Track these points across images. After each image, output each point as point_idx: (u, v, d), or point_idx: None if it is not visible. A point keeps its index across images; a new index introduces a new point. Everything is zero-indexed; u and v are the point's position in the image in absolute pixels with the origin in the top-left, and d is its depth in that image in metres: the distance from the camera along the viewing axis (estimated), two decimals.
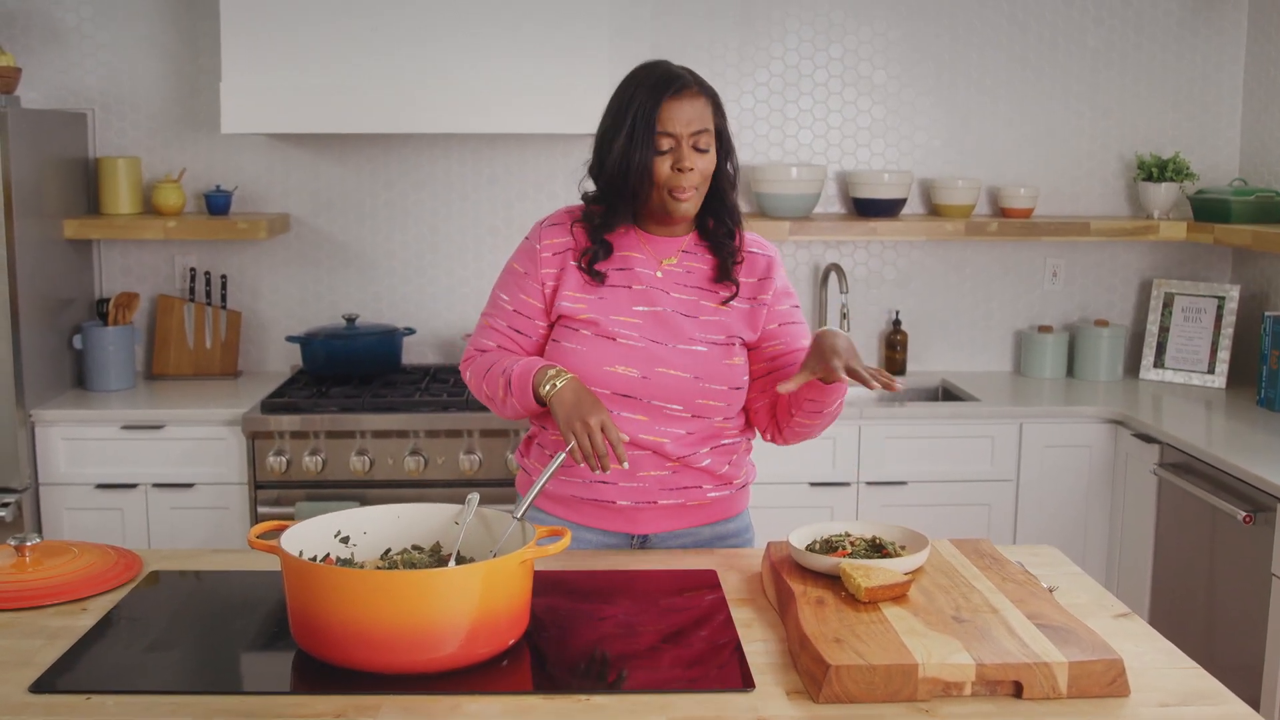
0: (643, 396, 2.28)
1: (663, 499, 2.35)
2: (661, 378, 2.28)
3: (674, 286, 2.33)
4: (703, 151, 2.25)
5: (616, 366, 2.28)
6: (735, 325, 2.34)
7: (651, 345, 2.29)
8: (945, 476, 3.91)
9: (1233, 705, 1.71)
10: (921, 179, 4.43)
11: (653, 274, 2.33)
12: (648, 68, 2.28)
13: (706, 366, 2.30)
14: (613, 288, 2.32)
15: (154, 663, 1.80)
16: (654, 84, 2.23)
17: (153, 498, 3.74)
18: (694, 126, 2.23)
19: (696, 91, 2.25)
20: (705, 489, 2.37)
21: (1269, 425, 3.70)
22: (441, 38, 3.81)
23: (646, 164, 2.22)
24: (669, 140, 2.22)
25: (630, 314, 2.31)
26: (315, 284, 4.37)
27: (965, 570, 2.08)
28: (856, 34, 4.36)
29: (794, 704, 1.68)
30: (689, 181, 2.24)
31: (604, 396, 2.28)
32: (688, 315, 2.32)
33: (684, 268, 2.35)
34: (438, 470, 3.72)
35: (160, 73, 4.24)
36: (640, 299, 2.32)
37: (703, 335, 2.31)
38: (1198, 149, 4.47)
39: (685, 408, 2.30)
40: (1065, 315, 4.55)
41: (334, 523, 1.97)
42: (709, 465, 2.35)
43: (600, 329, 2.29)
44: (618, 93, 2.29)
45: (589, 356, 2.28)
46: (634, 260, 2.34)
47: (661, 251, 2.35)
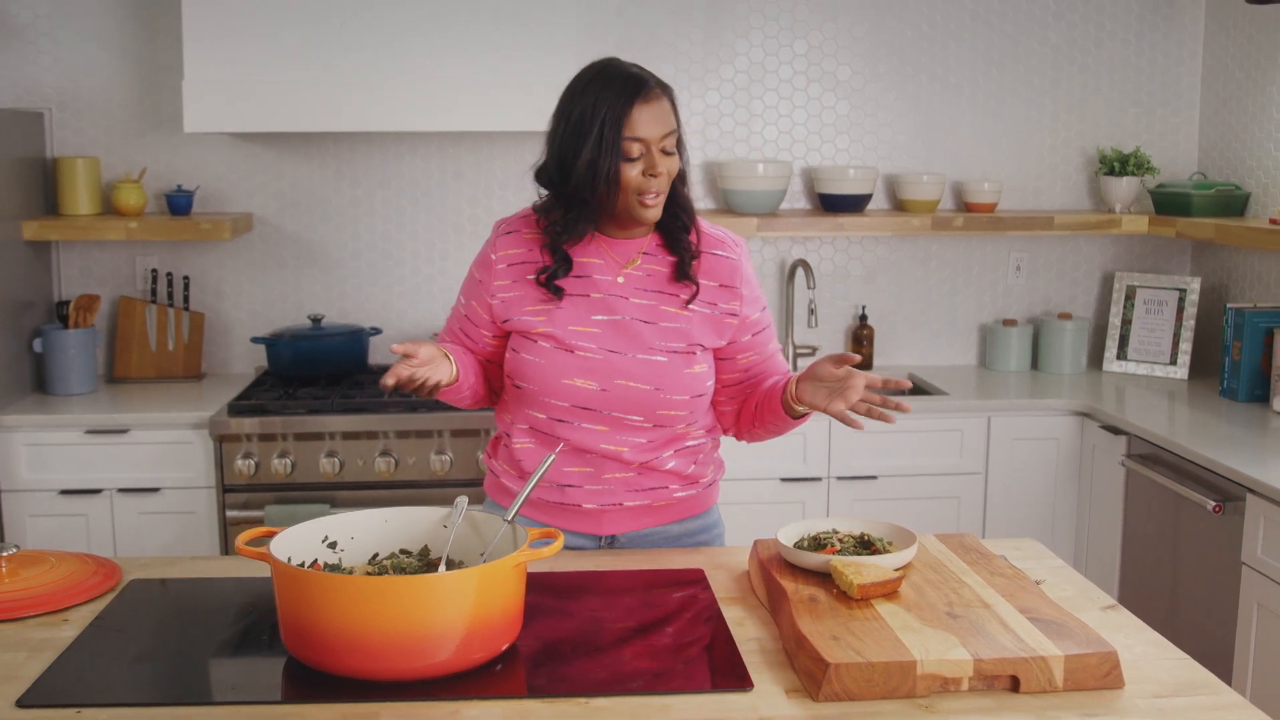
0: (603, 409, 2.26)
1: (628, 500, 2.34)
2: (621, 390, 2.26)
3: (634, 292, 2.29)
4: (670, 154, 2.22)
5: (575, 379, 2.25)
6: (696, 332, 2.31)
7: (610, 356, 2.26)
8: (915, 470, 3.93)
9: (1226, 695, 1.72)
10: (887, 174, 4.45)
11: (613, 280, 2.29)
12: (605, 70, 2.22)
13: (667, 377, 2.27)
14: (571, 297, 2.28)
15: (142, 674, 1.78)
16: (620, 88, 2.18)
17: (118, 503, 3.69)
18: (662, 130, 2.20)
19: (660, 93, 2.21)
20: (672, 489, 2.36)
21: (1232, 415, 3.75)
22: (407, 35, 3.78)
23: (616, 171, 2.18)
24: (639, 146, 2.18)
25: (589, 324, 2.27)
26: (280, 284, 4.33)
27: (953, 565, 2.09)
28: (821, 30, 4.37)
29: (793, 702, 1.68)
30: (659, 186, 2.21)
31: (564, 409, 2.26)
32: (648, 322, 2.28)
33: (644, 271, 2.31)
34: (409, 471, 3.69)
35: (119, 70, 4.18)
36: (599, 308, 2.28)
37: (663, 344, 2.28)
38: (1158, 144, 4.51)
39: (646, 418, 2.28)
40: (1029, 309, 4.58)
41: (321, 528, 1.95)
42: (674, 467, 2.34)
43: (559, 341, 2.26)
44: (577, 97, 2.21)
45: (548, 370, 2.26)
46: (593, 267, 2.29)
47: (622, 256, 2.31)
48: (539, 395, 2.27)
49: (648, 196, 2.20)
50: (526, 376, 2.27)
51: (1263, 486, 3.02)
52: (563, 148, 2.22)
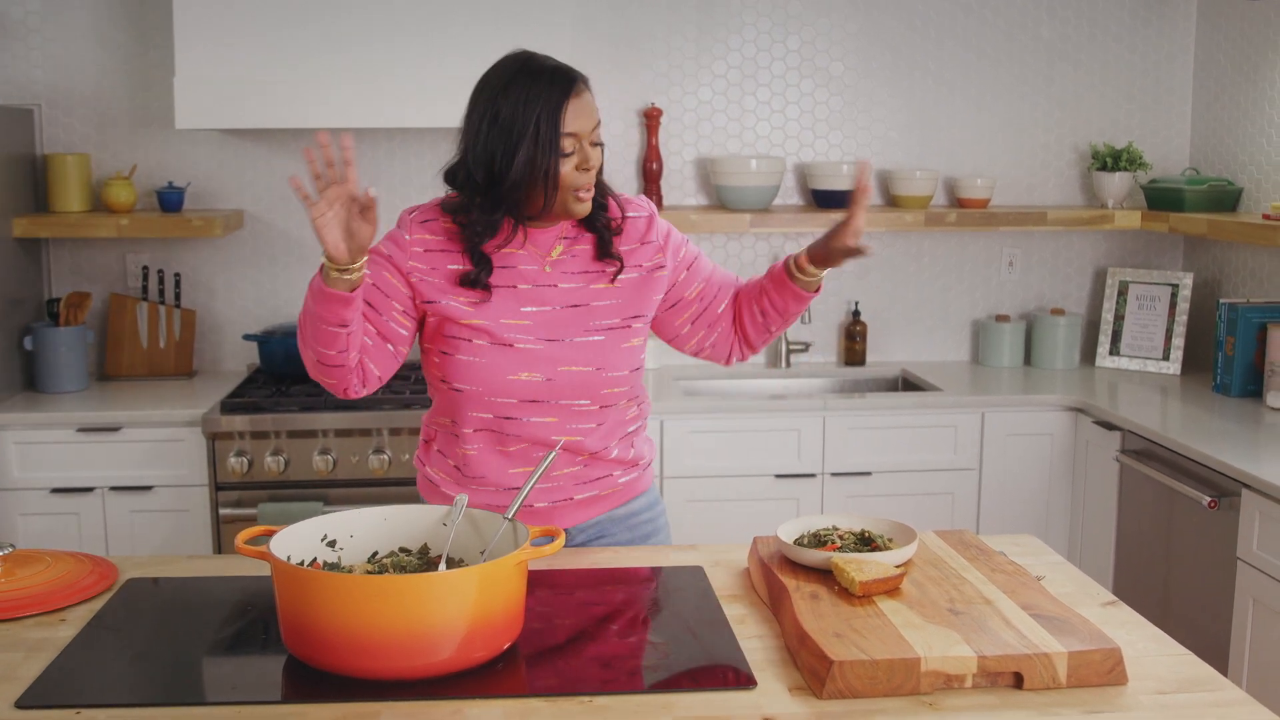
0: (549, 399, 2.25)
1: (578, 494, 2.33)
2: (565, 376, 2.24)
3: (562, 277, 2.27)
4: (597, 145, 2.21)
5: (520, 374, 2.23)
6: (630, 304, 2.30)
7: (549, 345, 2.24)
8: (909, 466, 3.93)
9: (1229, 690, 1.72)
10: (879, 170, 4.44)
11: (540, 270, 2.26)
12: (528, 65, 2.18)
13: (606, 355, 2.27)
14: (498, 288, 2.24)
15: (141, 674, 1.76)
16: (551, 83, 2.14)
17: (110, 501, 3.67)
18: (593, 122, 2.18)
19: (584, 85, 2.19)
20: (615, 475, 2.37)
21: (1225, 411, 3.75)
22: (399, 30, 3.77)
23: (556, 169, 2.14)
24: (572, 141, 2.15)
25: (520, 316, 2.24)
26: (271, 281, 4.31)
27: (953, 561, 2.09)
28: (814, 25, 4.37)
29: (797, 700, 1.67)
30: (592, 179, 2.20)
31: (510, 405, 2.24)
32: (578, 305, 2.26)
33: (569, 254, 2.29)
34: (403, 468, 3.68)
35: (109, 67, 4.16)
36: (528, 299, 2.24)
37: (597, 323, 2.27)
38: (1150, 139, 4.52)
39: (592, 400, 2.27)
40: (1022, 304, 4.59)
41: (320, 526, 1.93)
42: (618, 455, 2.35)
43: (495, 337, 2.22)
44: (502, 94, 2.15)
45: (489, 368, 2.23)
46: (516, 258, 2.25)
47: (544, 245, 2.27)
48: (483, 395, 2.24)
49: (581, 191, 2.19)
50: (466, 379, 2.24)
51: (1258, 482, 3.03)
52: (491, 148, 2.16)
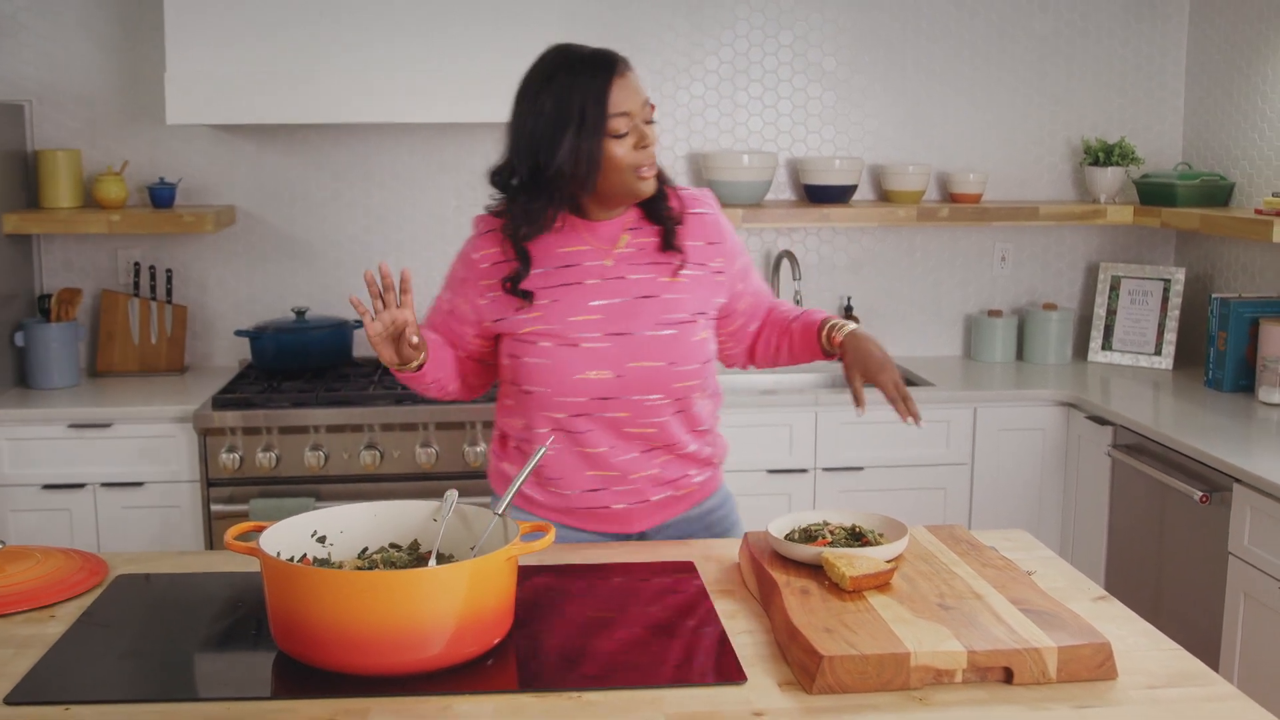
0: (621, 395, 2.25)
1: (654, 495, 2.34)
2: (635, 372, 2.24)
3: (629, 269, 2.28)
4: (651, 123, 2.21)
5: (587, 373, 2.24)
6: (694, 300, 2.30)
7: (618, 341, 2.24)
8: (901, 461, 3.93)
9: (1219, 685, 1.72)
10: (872, 165, 4.44)
11: (603, 264, 2.27)
12: (566, 55, 2.20)
13: (677, 349, 2.27)
14: (565, 286, 2.25)
15: (130, 670, 1.76)
16: (593, 69, 2.16)
17: (101, 497, 3.66)
18: (641, 99, 2.19)
19: (627, 65, 2.20)
20: (690, 475, 2.37)
21: (1218, 406, 3.75)
22: (390, 27, 3.76)
23: (601, 152, 2.15)
24: (626, 121, 2.16)
25: (588, 310, 2.24)
26: (263, 277, 4.30)
27: (944, 556, 2.09)
28: (806, 20, 4.36)
29: (787, 695, 1.67)
30: (652, 157, 2.20)
31: (581, 404, 2.25)
32: (649, 296, 2.27)
33: (634, 246, 2.29)
34: (394, 464, 3.68)
35: (100, 62, 4.14)
36: (596, 292, 2.25)
37: (667, 316, 2.27)
38: (1142, 134, 4.52)
39: (664, 394, 2.28)
40: (1014, 299, 4.59)
41: (310, 522, 1.93)
42: (694, 451, 2.35)
43: (560, 338, 2.23)
44: (545, 89, 2.17)
45: (555, 370, 2.23)
46: (580, 254, 2.27)
47: (608, 237, 2.29)
48: (552, 396, 2.25)
49: (644, 169, 2.19)
50: (534, 381, 2.25)
51: (1249, 476, 3.03)
52: (537, 141, 2.18)
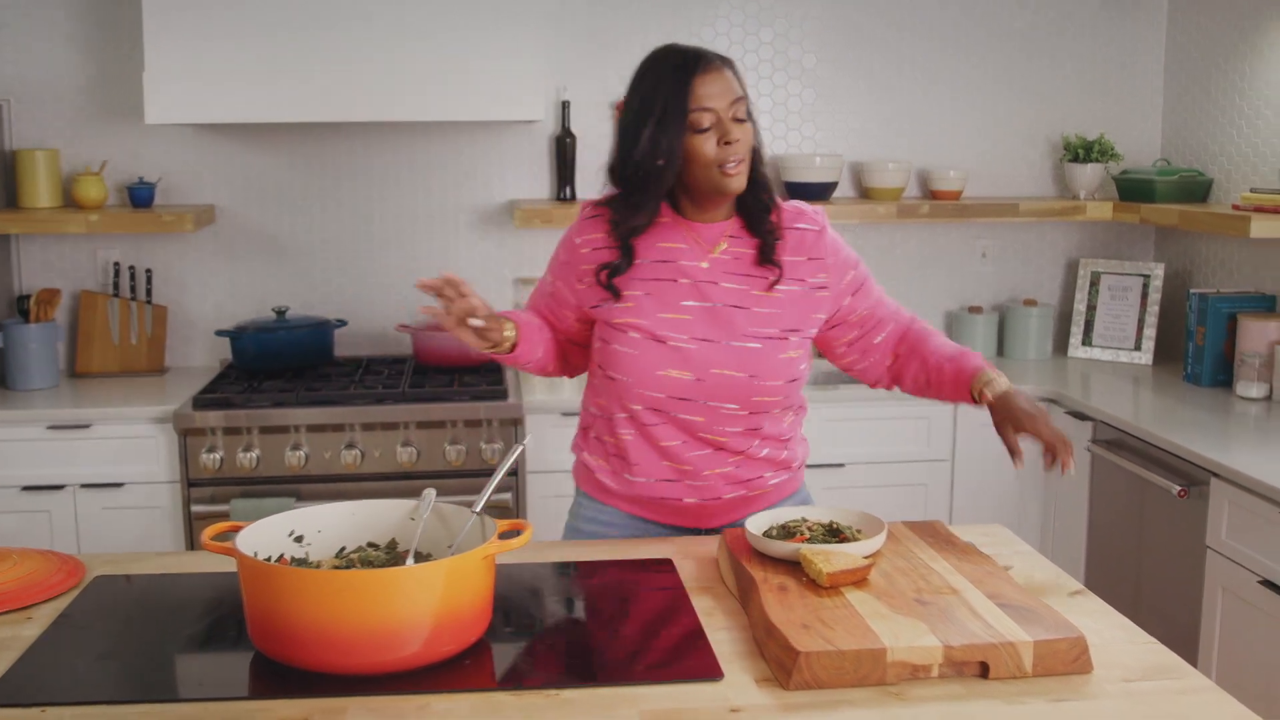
0: (698, 398, 2.26)
1: (727, 493, 2.34)
2: (716, 379, 2.25)
3: (723, 276, 2.28)
4: (741, 121, 2.20)
5: (670, 370, 2.25)
6: (787, 316, 2.30)
7: (703, 346, 2.25)
8: (882, 458, 3.94)
9: (1194, 678, 1.73)
10: (852, 162, 4.45)
11: (699, 265, 2.28)
12: (661, 53, 2.23)
13: (761, 364, 2.27)
14: (658, 281, 2.27)
15: (108, 671, 1.75)
16: (678, 65, 2.18)
17: (81, 498, 3.65)
18: (730, 97, 2.18)
19: (720, 64, 2.20)
20: (766, 477, 2.37)
21: (1197, 400, 3.77)
22: (372, 24, 3.75)
23: (681, 146, 2.16)
24: (709, 115, 2.17)
25: (679, 310, 2.26)
26: (243, 276, 4.30)
27: (922, 552, 2.09)
28: (787, 18, 4.37)
29: (764, 692, 1.67)
30: (737, 153, 2.19)
31: (660, 400, 2.27)
32: (739, 307, 2.27)
33: (731, 254, 2.29)
34: (375, 463, 3.67)
35: (79, 61, 4.13)
36: (689, 293, 2.27)
37: (755, 330, 2.27)
38: (1122, 130, 4.54)
39: (741, 405, 2.28)
40: (995, 295, 4.60)
41: (287, 522, 1.93)
42: (768, 455, 2.36)
43: (648, 332, 2.26)
44: (637, 85, 2.22)
45: (641, 360, 2.26)
46: (678, 252, 2.28)
47: (707, 240, 2.29)
48: (633, 387, 2.27)
49: (728, 165, 2.19)
50: (619, 368, 2.27)
51: (1227, 471, 3.05)
52: (627, 135, 2.22)
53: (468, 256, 4.35)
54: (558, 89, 4.28)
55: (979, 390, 2.30)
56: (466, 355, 4.03)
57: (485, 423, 3.70)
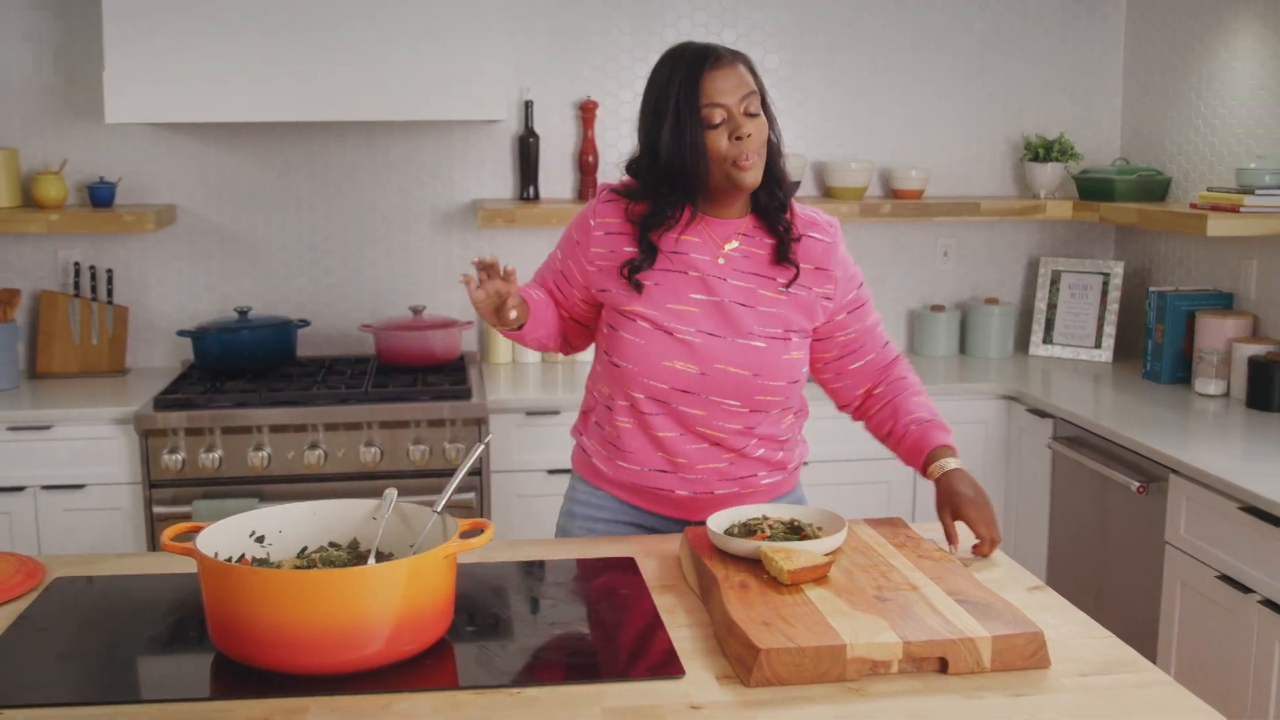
0: (701, 392, 2.27)
1: (719, 489, 2.35)
2: (720, 374, 2.26)
3: (733, 274, 2.29)
4: (754, 116, 2.20)
5: (675, 362, 2.26)
6: (791, 316, 2.31)
7: (709, 340, 2.26)
8: (845, 456, 3.95)
9: (1150, 672, 1.75)
10: (815, 162, 4.47)
11: (712, 260, 2.29)
12: (676, 50, 2.24)
13: (765, 363, 2.28)
14: (668, 273, 2.28)
15: (66, 673, 1.75)
16: (689, 61, 2.19)
17: (42, 500, 3.62)
18: (741, 92, 2.18)
19: (732, 60, 2.21)
20: (760, 476, 2.38)
21: (1156, 397, 3.81)
22: (334, 24, 3.74)
23: (700, 141, 2.17)
24: (720, 111, 2.17)
25: (687, 302, 2.27)
26: (205, 276, 4.27)
27: (882, 549, 2.11)
28: (749, 18, 4.38)
29: (725, 689, 1.68)
30: (750, 148, 2.19)
31: (663, 391, 2.27)
32: (746, 305, 2.28)
33: (743, 252, 2.30)
34: (338, 463, 3.66)
35: (38, 60, 4.10)
36: (698, 286, 2.28)
37: (761, 329, 2.28)
38: (1081, 130, 4.57)
39: (743, 403, 2.29)
40: (957, 294, 4.63)
41: (248, 522, 1.93)
42: (763, 455, 2.37)
43: (655, 322, 2.26)
44: (653, 82, 2.24)
45: (648, 350, 2.26)
46: (691, 245, 2.29)
47: (720, 235, 2.30)
48: (638, 376, 2.28)
49: (741, 159, 2.19)
50: (625, 356, 2.28)
51: (1185, 467, 3.08)
52: (648, 132, 2.24)
53: (430, 256, 4.34)
54: (521, 89, 4.28)
55: (931, 469, 2.35)
56: (430, 355, 4.02)
57: (448, 422, 3.69)
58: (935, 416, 2.42)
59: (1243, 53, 3.88)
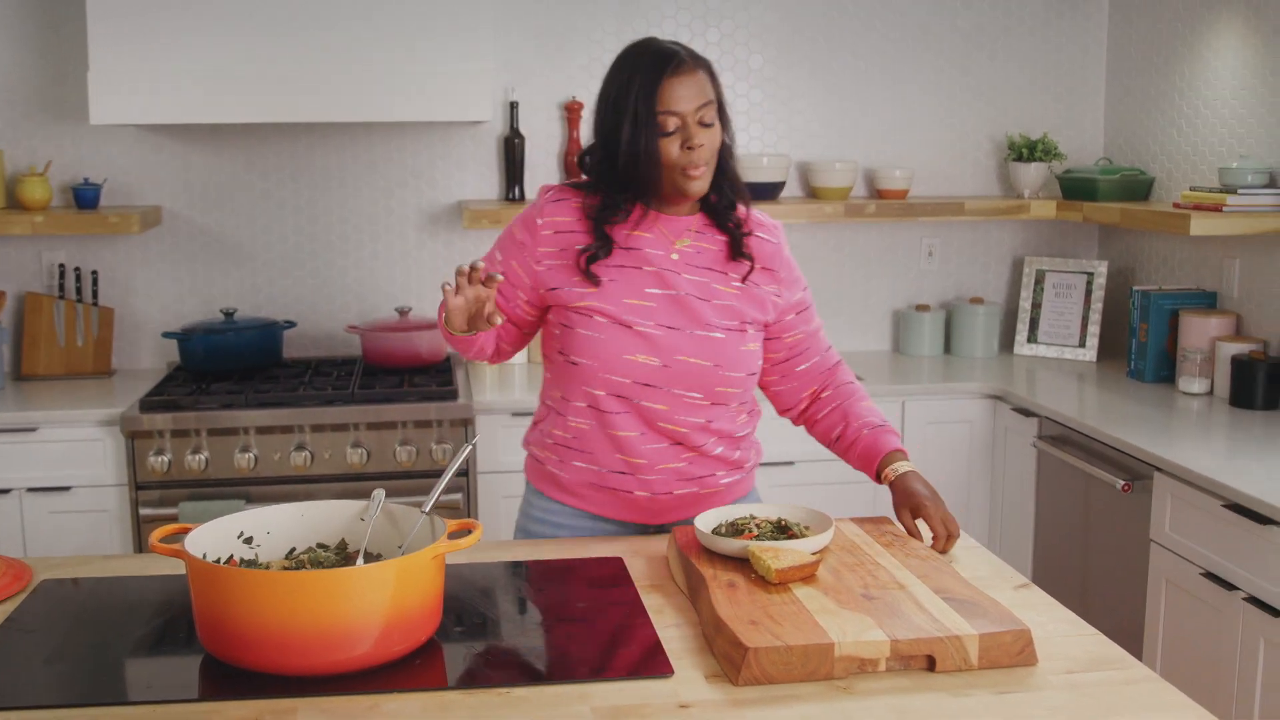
0: (663, 385, 2.27)
1: (678, 489, 2.36)
2: (682, 366, 2.27)
3: (687, 268, 2.30)
4: (708, 126, 2.21)
5: (636, 355, 2.26)
6: (746, 309, 2.33)
7: (669, 333, 2.27)
8: (831, 456, 3.92)
9: (1137, 669, 1.76)
10: (799, 162, 4.48)
11: (665, 255, 2.30)
12: (639, 48, 2.24)
13: (724, 353, 2.29)
14: (622, 268, 2.28)
15: (54, 675, 1.74)
16: (650, 64, 2.18)
17: (28, 502, 3.61)
18: (697, 101, 2.18)
19: (692, 66, 2.20)
20: (718, 475, 2.39)
21: (1140, 396, 3.83)
22: (319, 25, 3.74)
23: (654, 147, 2.18)
24: (675, 120, 2.17)
25: (644, 297, 2.27)
26: (191, 278, 4.27)
27: (869, 548, 2.12)
28: (734, 18, 4.39)
29: (713, 687, 1.69)
30: (700, 158, 2.20)
31: (625, 385, 2.27)
32: (702, 298, 2.29)
33: (696, 248, 2.31)
34: (325, 465, 3.66)
35: (22, 61, 4.09)
36: (654, 281, 2.28)
37: (718, 320, 2.30)
38: (1065, 130, 4.59)
39: (705, 395, 2.30)
40: (941, 294, 4.65)
41: (236, 523, 1.93)
42: (721, 453, 2.37)
43: (614, 317, 2.26)
44: (612, 77, 2.24)
45: (608, 345, 2.26)
46: (644, 241, 2.30)
47: (673, 232, 2.31)
48: (599, 371, 2.27)
49: (691, 168, 2.20)
50: (583, 353, 2.27)
51: (1169, 465, 3.10)
52: (604, 129, 2.24)
53: (416, 257, 4.34)
54: (506, 90, 4.28)
55: (885, 472, 2.37)
56: (416, 356, 4.02)
57: (435, 423, 3.69)
58: (885, 422, 2.45)
59: (1225, 52, 3.90)
